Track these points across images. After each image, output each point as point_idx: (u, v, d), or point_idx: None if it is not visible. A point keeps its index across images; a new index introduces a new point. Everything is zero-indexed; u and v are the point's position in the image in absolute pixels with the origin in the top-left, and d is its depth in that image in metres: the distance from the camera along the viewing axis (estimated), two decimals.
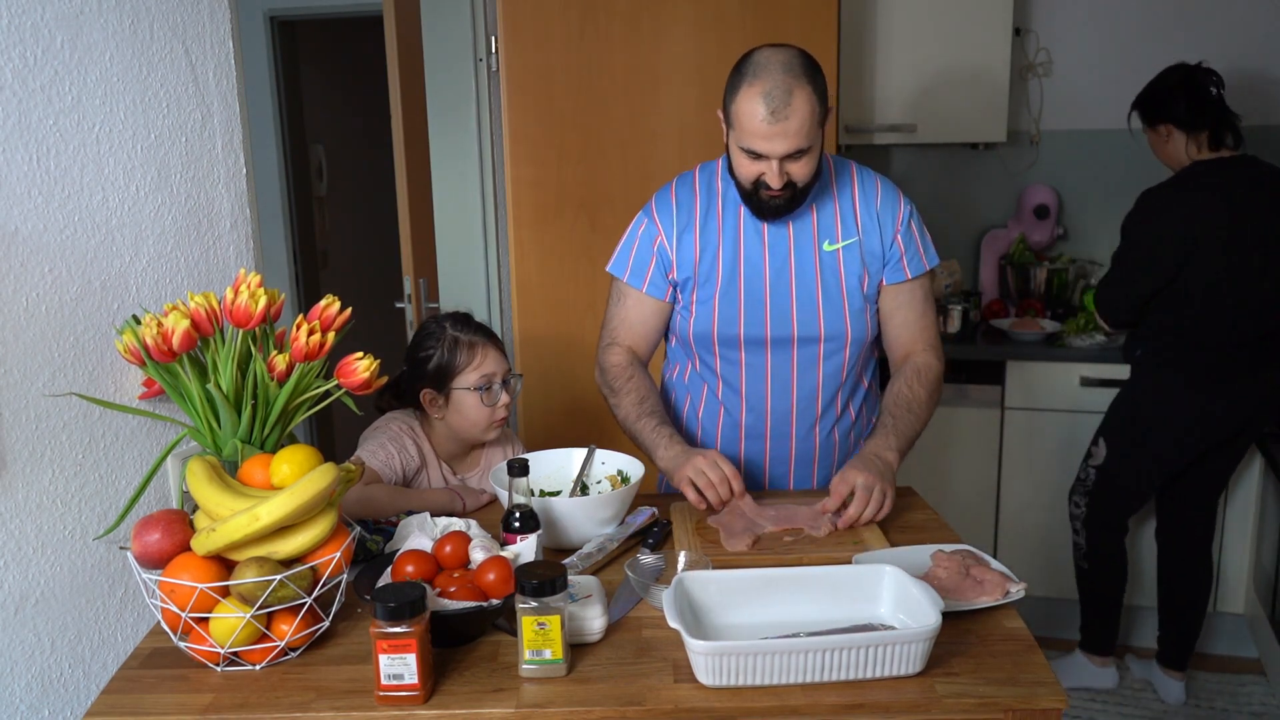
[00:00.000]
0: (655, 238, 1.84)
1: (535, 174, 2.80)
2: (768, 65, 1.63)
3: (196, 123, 1.55)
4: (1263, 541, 2.95)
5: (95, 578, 1.41)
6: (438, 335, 1.84)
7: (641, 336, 1.91)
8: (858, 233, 1.81)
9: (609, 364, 1.89)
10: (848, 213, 1.82)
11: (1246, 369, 2.62)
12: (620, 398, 1.85)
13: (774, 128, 1.61)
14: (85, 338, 1.37)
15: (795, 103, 1.60)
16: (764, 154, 1.65)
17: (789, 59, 1.63)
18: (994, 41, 3.13)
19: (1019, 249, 3.47)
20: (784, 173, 1.67)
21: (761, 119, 1.61)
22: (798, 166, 1.67)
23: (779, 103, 1.60)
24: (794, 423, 1.89)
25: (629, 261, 1.87)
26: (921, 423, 1.80)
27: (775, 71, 1.61)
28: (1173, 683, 2.89)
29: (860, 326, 1.84)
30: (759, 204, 1.73)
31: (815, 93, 1.63)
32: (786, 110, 1.60)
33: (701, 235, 1.82)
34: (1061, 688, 1.19)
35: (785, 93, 1.60)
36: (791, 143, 1.63)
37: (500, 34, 2.74)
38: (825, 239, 1.81)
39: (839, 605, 1.33)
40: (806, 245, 1.80)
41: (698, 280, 1.83)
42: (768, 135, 1.62)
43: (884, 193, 1.84)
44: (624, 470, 1.74)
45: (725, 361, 1.87)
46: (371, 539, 1.55)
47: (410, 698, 1.17)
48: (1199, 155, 2.59)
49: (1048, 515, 3.14)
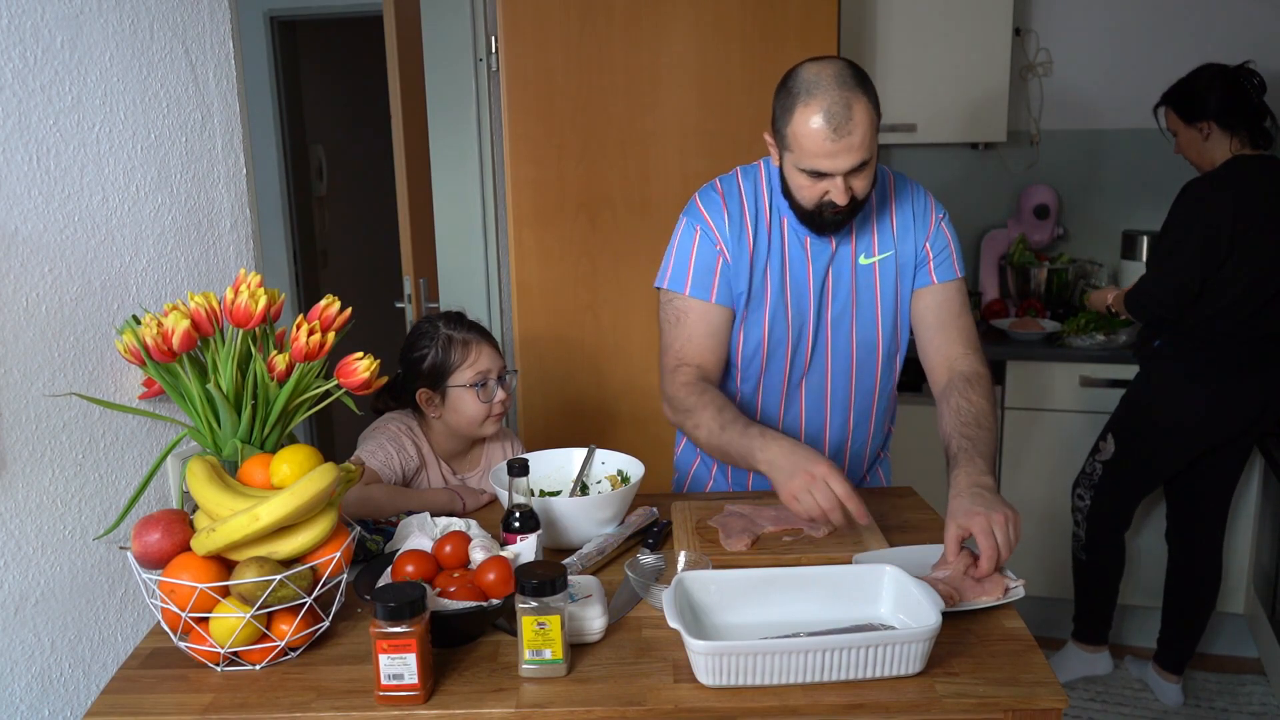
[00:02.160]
0: (715, 245, 1.74)
1: (535, 174, 2.80)
2: (820, 81, 1.56)
3: (196, 123, 1.55)
4: (1263, 541, 2.95)
5: (95, 578, 1.41)
6: (431, 335, 1.84)
7: (711, 352, 1.77)
8: (894, 245, 1.77)
9: (675, 389, 1.74)
10: (885, 225, 1.77)
11: (1264, 363, 2.63)
12: (697, 415, 1.69)
13: (838, 144, 1.55)
14: (85, 338, 1.37)
15: (856, 116, 1.54)
16: (829, 172, 1.58)
17: (839, 71, 1.57)
18: (994, 41, 3.13)
19: (1019, 249, 3.47)
20: (848, 189, 1.60)
21: (825, 138, 1.55)
22: (860, 179, 1.61)
23: (840, 119, 1.54)
24: (827, 434, 1.87)
25: (687, 273, 1.75)
26: (994, 435, 1.66)
27: (831, 87, 1.55)
28: (1169, 686, 2.89)
29: (890, 340, 1.81)
30: (821, 223, 1.67)
31: (871, 102, 1.57)
32: (849, 125, 1.54)
33: (755, 246, 1.74)
34: (1061, 687, 1.19)
35: (845, 107, 1.54)
36: (856, 157, 1.56)
37: (500, 34, 2.74)
38: (862, 252, 1.76)
39: (839, 605, 1.33)
40: (845, 259, 1.76)
41: (751, 293, 1.75)
42: (832, 153, 1.56)
43: (917, 201, 1.79)
44: (624, 470, 1.74)
45: (773, 379, 1.83)
46: (371, 539, 1.55)
47: (410, 698, 1.17)
48: (1240, 152, 2.60)
49: (1047, 515, 3.14)
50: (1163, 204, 2.69)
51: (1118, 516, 2.86)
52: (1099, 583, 2.92)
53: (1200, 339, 2.64)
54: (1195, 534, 2.85)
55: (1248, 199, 2.54)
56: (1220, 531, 2.86)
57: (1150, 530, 3.06)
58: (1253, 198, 2.54)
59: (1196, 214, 2.57)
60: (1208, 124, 2.61)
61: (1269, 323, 2.60)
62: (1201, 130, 2.63)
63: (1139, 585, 3.10)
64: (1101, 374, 3.04)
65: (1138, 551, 3.06)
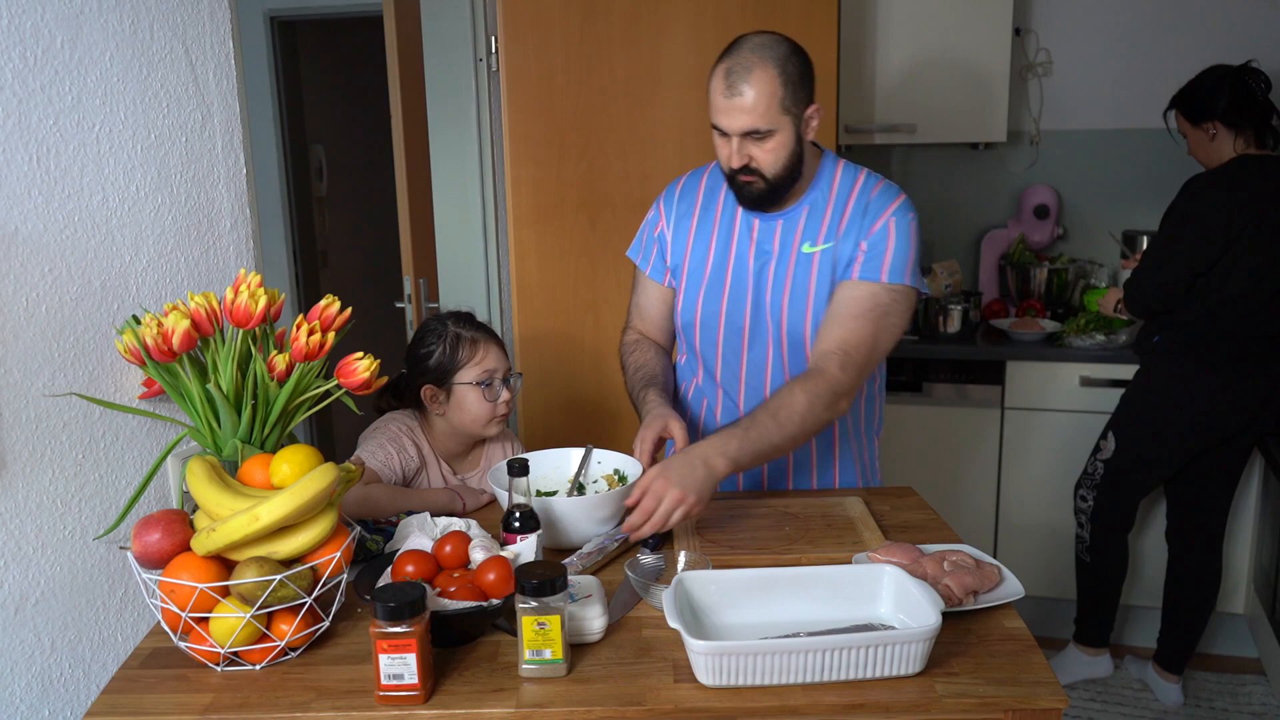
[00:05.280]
0: (658, 224, 1.91)
1: (535, 174, 2.80)
2: (740, 44, 1.66)
3: (196, 123, 1.55)
4: (1263, 541, 2.95)
5: (95, 578, 1.41)
6: (440, 332, 1.84)
7: (652, 322, 1.95)
8: (836, 238, 1.76)
9: (621, 346, 1.96)
10: (836, 217, 1.76)
11: (1263, 361, 2.64)
12: (626, 375, 1.91)
13: (730, 102, 1.63)
14: (85, 338, 1.37)
15: (754, 79, 1.62)
16: (724, 129, 1.67)
17: (765, 40, 1.65)
18: (994, 41, 3.13)
19: (1019, 249, 3.47)
20: (745, 153, 1.67)
21: (720, 92, 1.65)
22: (761, 152, 1.67)
23: (737, 77, 1.62)
24: None
25: (640, 246, 1.95)
26: (787, 434, 1.61)
27: (745, 50, 1.64)
28: (1169, 686, 2.89)
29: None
30: (738, 190, 1.75)
31: (780, 76, 1.63)
32: (742, 86, 1.62)
33: (698, 225, 1.86)
34: (1061, 688, 1.19)
35: (746, 69, 1.62)
36: (747, 119, 1.63)
37: (500, 34, 2.74)
38: (807, 240, 1.78)
39: (839, 605, 1.33)
40: (789, 245, 1.79)
41: (688, 269, 1.86)
42: (724, 109, 1.65)
43: (876, 199, 1.75)
44: (621, 470, 1.74)
45: (707, 351, 1.88)
46: (371, 539, 1.55)
47: (410, 698, 1.17)
48: (1245, 152, 2.61)
49: (1048, 515, 3.14)
50: (1163, 204, 2.70)
51: (1120, 517, 2.86)
52: (1102, 585, 2.92)
53: (1199, 336, 2.65)
54: (1195, 534, 2.85)
55: (1246, 198, 2.54)
56: (1220, 531, 2.86)
57: (1150, 530, 3.06)
58: (1251, 197, 2.54)
59: (1192, 211, 2.59)
60: (1214, 124, 2.62)
61: (1268, 321, 2.60)
62: (1208, 131, 2.64)
63: (1139, 585, 3.10)
64: (1101, 374, 3.04)
65: (1138, 551, 3.06)
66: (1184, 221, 2.60)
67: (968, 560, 1.42)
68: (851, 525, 1.65)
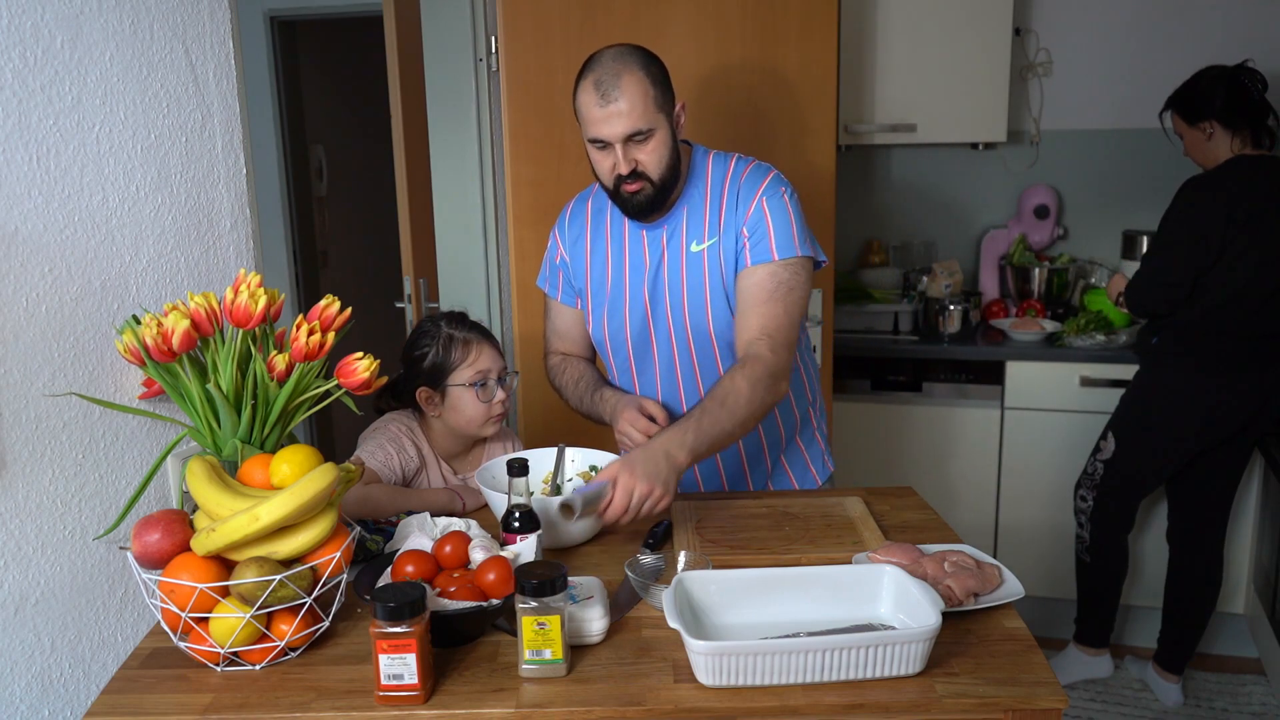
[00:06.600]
0: (557, 252, 1.94)
1: (535, 174, 2.79)
2: (598, 57, 1.70)
3: (196, 123, 1.55)
4: (1263, 541, 2.95)
5: (95, 578, 1.41)
6: (432, 334, 1.84)
7: (574, 342, 1.99)
8: (719, 233, 1.77)
9: (547, 373, 2.00)
10: (715, 211, 1.78)
11: (1263, 361, 2.63)
12: (566, 392, 1.95)
13: (606, 110, 1.66)
14: (85, 338, 1.37)
15: (624, 84, 1.66)
16: (605, 139, 1.69)
17: (620, 50, 1.70)
18: (994, 41, 3.13)
19: (1019, 249, 3.47)
20: (630, 159, 1.69)
21: (594, 104, 1.67)
22: (645, 153, 1.70)
23: (607, 85, 1.66)
24: None
25: (546, 275, 1.99)
26: (737, 420, 1.64)
27: (605, 61, 1.69)
28: (1169, 686, 2.89)
29: (726, 327, 1.79)
30: (624, 202, 1.76)
31: (647, 76, 1.68)
32: (615, 92, 1.66)
33: (592, 247, 1.89)
34: (1061, 688, 1.19)
35: (614, 76, 1.66)
36: (627, 123, 1.66)
37: (500, 34, 2.74)
38: (693, 240, 1.80)
39: (839, 605, 1.33)
40: (677, 247, 1.81)
41: (590, 290, 1.90)
42: (601, 119, 1.68)
43: (745, 185, 1.77)
44: (595, 465, 1.76)
45: (621, 365, 1.92)
46: (371, 539, 1.55)
47: (410, 698, 1.17)
48: (1242, 151, 2.61)
49: (1048, 515, 3.14)
50: (1163, 204, 2.70)
51: (1120, 517, 2.86)
52: (1102, 585, 2.92)
53: (1198, 336, 2.65)
54: (1196, 534, 2.85)
55: (1243, 198, 2.54)
56: (1221, 532, 2.86)
57: (1151, 530, 3.06)
58: (1248, 197, 2.54)
59: (1189, 212, 2.59)
60: (1210, 124, 2.62)
61: (1267, 321, 2.60)
62: (1205, 130, 2.64)
63: (1140, 585, 3.10)
64: (1101, 374, 3.04)
65: (1138, 552, 3.06)
66: (1181, 223, 2.60)
67: (968, 561, 1.42)
68: (851, 525, 1.65)
